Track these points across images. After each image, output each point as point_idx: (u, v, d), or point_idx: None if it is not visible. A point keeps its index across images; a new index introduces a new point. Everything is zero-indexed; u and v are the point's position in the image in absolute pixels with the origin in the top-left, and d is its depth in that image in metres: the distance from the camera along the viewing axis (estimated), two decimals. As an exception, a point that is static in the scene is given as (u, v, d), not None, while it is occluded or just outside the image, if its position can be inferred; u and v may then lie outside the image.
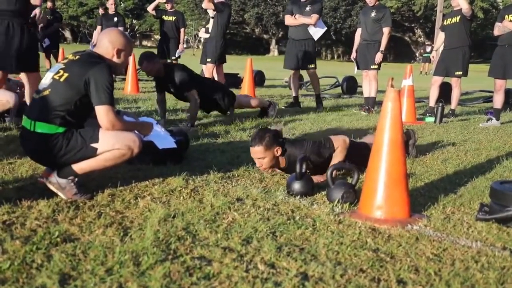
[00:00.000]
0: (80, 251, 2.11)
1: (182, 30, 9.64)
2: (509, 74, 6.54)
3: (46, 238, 2.22)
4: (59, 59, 10.85)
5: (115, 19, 10.31)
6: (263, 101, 6.59)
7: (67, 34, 54.86)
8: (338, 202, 2.91)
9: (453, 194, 3.24)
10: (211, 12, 7.79)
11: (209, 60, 7.66)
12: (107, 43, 2.96)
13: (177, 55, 9.61)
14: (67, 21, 49.85)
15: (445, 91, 7.89)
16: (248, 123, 5.80)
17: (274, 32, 50.73)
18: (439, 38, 7.90)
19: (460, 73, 7.19)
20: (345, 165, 3.42)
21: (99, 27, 10.48)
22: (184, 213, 2.64)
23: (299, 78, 8.41)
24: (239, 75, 11.50)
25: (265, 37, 53.19)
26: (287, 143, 3.50)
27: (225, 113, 6.01)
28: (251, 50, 50.53)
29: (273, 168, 3.56)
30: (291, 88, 8.13)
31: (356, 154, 3.53)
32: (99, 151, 2.81)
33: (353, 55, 7.96)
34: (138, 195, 2.95)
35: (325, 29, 7.73)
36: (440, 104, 6.80)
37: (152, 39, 59.25)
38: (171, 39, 9.57)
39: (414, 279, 2.00)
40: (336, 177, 3.19)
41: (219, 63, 7.79)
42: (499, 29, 6.61)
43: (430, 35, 39.89)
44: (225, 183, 3.32)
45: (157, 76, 5.54)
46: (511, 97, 8.98)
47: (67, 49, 12.01)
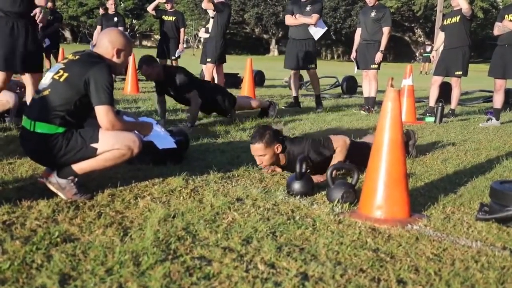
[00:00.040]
0: (80, 251, 2.11)
1: (182, 30, 9.65)
2: (509, 74, 6.54)
3: (46, 238, 2.22)
4: (59, 59, 10.85)
5: (115, 19, 10.31)
6: (263, 101, 6.60)
7: (67, 34, 54.86)
8: (338, 202, 2.91)
9: (453, 194, 3.24)
10: (211, 12, 7.79)
11: (209, 60, 7.66)
12: (107, 43, 2.96)
13: (177, 55, 9.63)
14: (67, 21, 49.86)
15: (445, 91, 7.89)
16: (248, 123, 5.80)
17: (274, 32, 50.73)
18: (439, 38, 7.90)
19: (460, 73, 7.18)
20: (345, 165, 3.42)
21: (99, 27, 10.48)
22: (184, 213, 2.64)
23: (299, 78, 8.41)
24: (239, 75, 11.50)
25: (265, 37, 53.19)
26: (287, 140, 3.52)
27: (225, 116, 6.00)
28: (251, 50, 50.52)
29: (273, 165, 3.56)
30: (291, 88, 8.13)
31: (357, 153, 3.54)
32: (99, 151, 2.81)
33: (353, 55, 7.96)
34: (138, 195, 2.95)
35: (326, 29, 7.72)
36: (440, 104, 6.80)
37: (152, 39, 59.25)
38: (171, 39, 9.58)
39: (414, 279, 2.00)
40: (336, 177, 3.19)
41: (219, 63, 7.79)
42: (498, 28, 6.61)
43: (430, 35, 39.89)
44: (225, 183, 3.33)
45: (156, 79, 5.53)
46: (511, 97, 8.97)
47: (67, 49, 12.00)
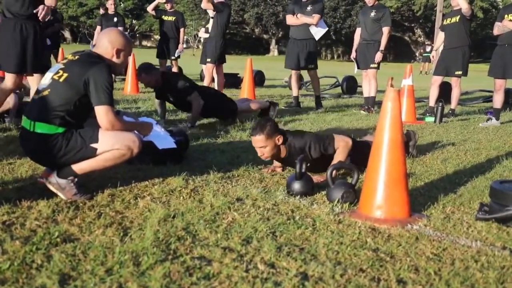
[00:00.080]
0: (80, 251, 2.11)
1: (181, 30, 9.65)
2: (509, 73, 6.54)
3: (46, 238, 2.22)
4: (59, 59, 10.85)
5: (115, 19, 10.32)
6: (263, 102, 6.58)
7: (67, 34, 54.83)
8: (338, 202, 2.91)
9: (453, 193, 3.24)
10: (211, 12, 7.79)
11: (209, 60, 7.66)
12: (106, 43, 2.96)
13: (176, 55, 9.63)
14: (67, 21, 49.83)
15: (445, 91, 7.89)
16: (248, 123, 5.79)
17: (274, 32, 50.72)
18: (439, 37, 7.90)
19: (460, 72, 7.19)
20: (345, 165, 3.42)
21: (99, 27, 10.48)
22: (184, 213, 2.64)
23: (299, 78, 8.42)
24: (239, 75, 11.51)
25: (265, 37, 53.18)
26: (288, 132, 3.55)
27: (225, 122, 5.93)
28: (251, 50, 50.51)
29: (274, 157, 3.55)
30: (291, 88, 8.12)
31: (358, 152, 3.54)
32: (98, 151, 2.81)
33: (353, 54, 7.96)
34: (138, 195, 2.95)
35: (327, 29, 7.73)
36: (440, 103, 6.80)
37: (151, 39, 59.25)
38: (171, 39, 9.57)
39: (414, 279, 2.00)
40: (336, 177, 3.19)
41: (219, 63, 7.79)
42: (498, 28, 6.61)
43: (430, 35, 39.88)
44: (225, 183, 3.33)
45: (155, 86, 5.53)
46: (511, 97, 8.98)
47: (67, 49, 11.97)
